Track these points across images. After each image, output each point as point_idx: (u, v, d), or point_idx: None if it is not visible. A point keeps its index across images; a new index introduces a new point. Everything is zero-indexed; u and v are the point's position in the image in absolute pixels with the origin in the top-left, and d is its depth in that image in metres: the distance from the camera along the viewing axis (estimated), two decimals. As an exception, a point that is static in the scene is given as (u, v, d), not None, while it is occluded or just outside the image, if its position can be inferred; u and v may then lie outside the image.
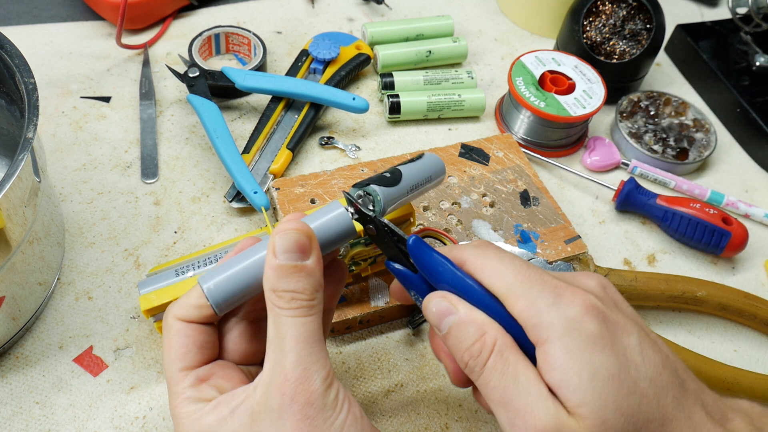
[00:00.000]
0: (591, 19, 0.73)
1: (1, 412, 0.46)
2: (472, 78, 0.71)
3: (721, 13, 0.89)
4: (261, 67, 0.70)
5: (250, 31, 0.71)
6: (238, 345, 0.37)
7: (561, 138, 0.68)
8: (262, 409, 0.32)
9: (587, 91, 0.67)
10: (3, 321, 0.47)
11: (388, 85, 0.69)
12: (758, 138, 0.72)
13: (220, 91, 0.66)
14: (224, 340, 0.38)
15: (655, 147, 0.69)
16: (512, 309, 0.33)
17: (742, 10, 0.78)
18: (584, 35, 0.72)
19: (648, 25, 0.71)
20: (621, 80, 0.73)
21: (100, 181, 0.60)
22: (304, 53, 0.70)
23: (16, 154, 0.41)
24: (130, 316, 0.52)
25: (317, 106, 0.66)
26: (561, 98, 0.66)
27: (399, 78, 0.70)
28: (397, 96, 0.68)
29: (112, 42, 0.70)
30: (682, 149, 0.69)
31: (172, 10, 0.76)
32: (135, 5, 0.70)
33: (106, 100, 0.67)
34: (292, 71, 0.69)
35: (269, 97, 0.66)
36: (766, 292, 0.61)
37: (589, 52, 0.72)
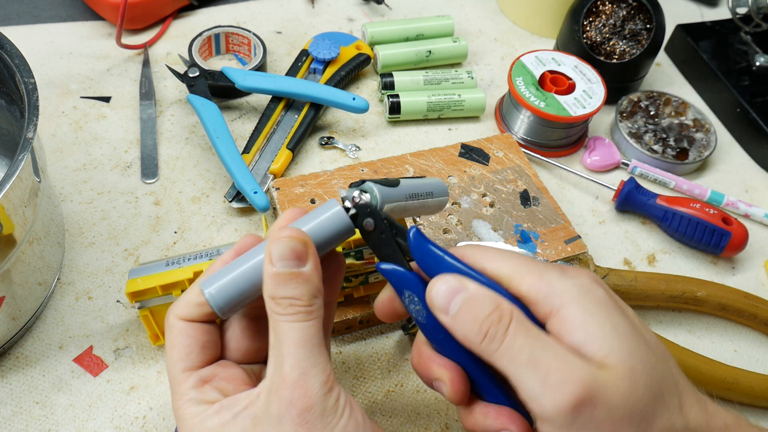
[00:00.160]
0: (591, 19, 0.73)
1: (1, 412, 0.46)
2: (472, 78, 0.71)
3: (721, 13, 0.88)
4: (261, 67, 0.70)
5: (250, 31, 0.71)
6: (241, 343, 0.37)
7: (561, 138, 0.68)
8: (263, 415, 0.32)
9: (587, 91, 0.67)
10: (3, 321, 0.47)
11: (388, 85, 0.69)
12: (758, 138, 0.72)
13: (220, 91, 0.66)
14: (226, 339, 0.38)
15: (655, 147, 0.69)
16: (520, 287, 0.34)
17: (742, 10, 0.78)
18: (584, 35, 0.72)
19: (648, 25, 0.71)
20: (621, 80, 0.73)
21: (100, 181, 0.60)
22: (304, 53, 0.70)
23: (16, 154, 0.41)
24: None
25: (317, 106, 0.66)
26: (561, 98, 0.66)
27: (399, 78, 0.70)
28: (397, 96, 0.68)
29: (112, 42, 0.70)
30: (682, 149, 0.69)
31: (172, 10, 0.76)
32: (135, 5, 0.70)
33: (106, 100, 0.67)
34: (292, 71, 0.69)
35: (269, 97, 0.66)
36: (766, 292, 0.61)
37: (589, 52, 0.72)
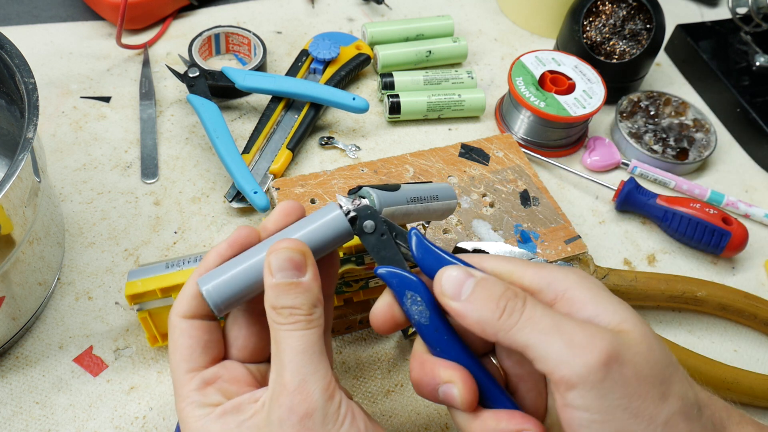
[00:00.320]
0: (591, 19, 0.73)
1: (1, 412, 0.46)
2: (472, 78, 0.71)
3: (721, 13, 0.88)
4: (261, 67, 0.70)
5: (250, 31, 0.71)
6: (246, 341, 0.37)
7: (561, 138, 0.68)
8: (265, 424, 0.32)
9: (587, 91, 0.67)
10: (3, 321, 0.47)
11: (388, 85, 0.69)
12: (758, 138, 0.72)
13: (220, 91, 0.66)
14: (232, 338, 0.38)
15: (655, 147, 0.69)
16: (522, 279, 0.34)
17: (742, 10, 0.78)
18: (584, 35, 0.72)
19: (648, 25, 0.71)
20: (621, 80, 0.73)
21: (100, 181, 0.60)
22: (304, 53, 0.70)
23: (16, 154, 0.41)
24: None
25: (317, 106, 0.66)
26: (561, 98, 0.66)
27: (399, 78, 0.70)
28: (397, 96, 0.68)
29: (112, 42, 0.70)
30: (682, 149, 0.69)
31: (172, 10, 0.76)
32: (135, 5, 0.70)
33: (106, 100, 0.67)
34: (292, 71, 0.69)
35: (269, 97, 0.66)
36: (766, 292, 0.61)
37: (589, 52, 0.72)
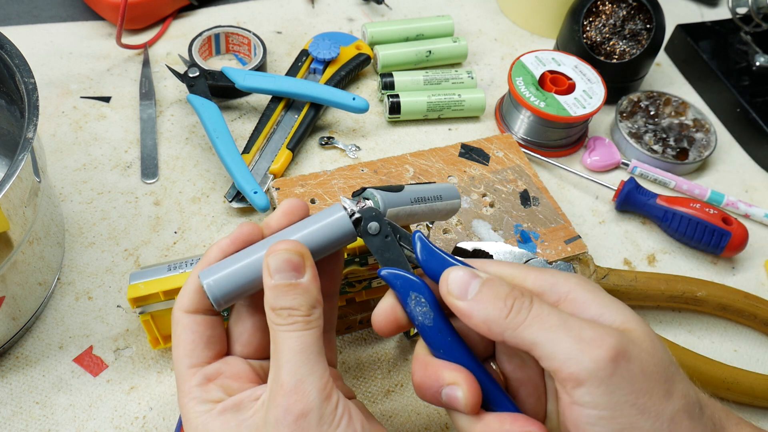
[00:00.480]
0: (591, 19, 0.73)
1: (1, 412, 0.46)
2: (472, 78, 0.71)
3: (721, 13, 0.88)
4: (261, 67, 0.70)
5: (250, 31, 0.71)
6: (247, 337, 0.38)
7: (561, 138, 0.68)
8: (263, 423, 0.33)
9: (587, 91, 0.67)
10: (3, 321, 0.47)
11: (388, 85, 0.69)
12: (758, 138, 0.72)
13: (220, 91, 0.66)
14: (236, 333, 0.38)
15: (655, 147, 0.69)
16: (525, 282, 0.35)
17: (742, 10, 0.78)
18: (584, 35, 0.72)
19: (648, 25, 0.71)
20: (621, 80, 0.73)
21: (100, 181, 0.60)
22: (304, 53, 0.70)
23: (16, 154, 0.41)
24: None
25: (317, 106, 0.66)
26: (561, 98, 0.66)
27: (399, 78, 0.70)
28: (397, 96, 0.68)
29: (112, 42, 0.70)
30: (682, 149, 0.69)
31: (172, 10, 0.76)
32: (135, 5, 0.70)
33: (106, 100, 0.67)
34: (292, 71, 0.69)
35: (269, 97, 0.66)
36: (766, 292, 0.61)
37: (589, 52, 0.72)
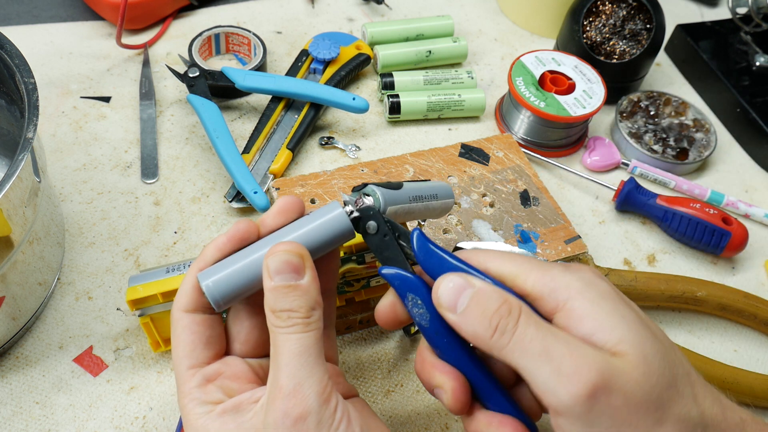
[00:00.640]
0: (591, 19, 0.73)
1: (1, 412, 0.46)
2: (472, 78, 0.71)
3: (721, 13, 0.88)
4: (261, 67, 0.70)
5: (250, 31, 0.71)
6: (246, 335, 0.38)
7: (561, 138, 0.68)
8: (262, 426, 0.33)
9: (587, 91, 0.67)
10: (3, 321, 0.47)
11: (388, 85, 0.69)
12: (758, 138, 0.72)
13: (220, 91, 0.66)
14: (235, 332, 0.38)
15: (655, 147, 0.69)
16: (525, 284, 0.34)
17: (742, 10, 0.78)
18: (584, 35, 0.72)
19: (648, 25, 0.71)
20: (621, 80, 0.73)
21: (100, 181, 0.60)
22: (304, 53, 0.70)
23: (16, 154, 0.41)
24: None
25: (317, 106, 0.66)
26: (561, 98, 0.66)
27: (399, 78, 0.70)
28: (397, 96, 0.68)
29: (112, 42, 0.70)
30: (682, 149, 0.69)
31: (172, 10, 0.76)
32: (135, 5, 0.70)
33: (106, 100, 0.67)
34: (292, 71, 0.69)
35: (269, 97, 0.66)
36: (766, 292, 0.61)
37: (589, 52, 0.72)
